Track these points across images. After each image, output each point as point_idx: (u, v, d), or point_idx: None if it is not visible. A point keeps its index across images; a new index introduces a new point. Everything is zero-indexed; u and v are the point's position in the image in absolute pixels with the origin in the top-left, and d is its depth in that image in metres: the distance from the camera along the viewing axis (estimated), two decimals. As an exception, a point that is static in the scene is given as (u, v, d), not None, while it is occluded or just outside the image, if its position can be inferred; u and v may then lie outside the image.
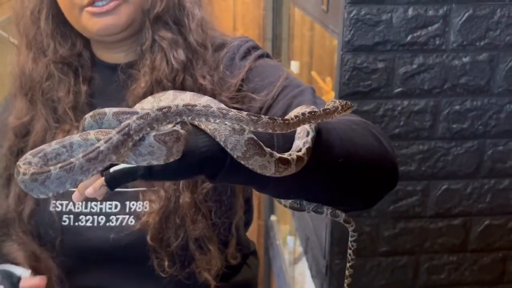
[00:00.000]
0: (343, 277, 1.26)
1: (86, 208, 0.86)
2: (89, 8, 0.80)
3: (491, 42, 1.10)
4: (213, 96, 0.83)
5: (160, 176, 0.54)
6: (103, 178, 0.54)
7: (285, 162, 0.55)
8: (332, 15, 1.19)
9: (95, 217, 0.86)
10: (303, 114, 0.57)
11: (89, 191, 0.56)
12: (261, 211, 2.46)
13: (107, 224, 0.85)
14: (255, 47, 0.90)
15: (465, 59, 1.11)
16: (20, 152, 0.84)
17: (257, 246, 2.64)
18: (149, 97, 0.65)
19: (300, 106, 0.70)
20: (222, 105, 0.57)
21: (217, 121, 0.53)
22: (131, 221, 0.85)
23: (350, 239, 0.75)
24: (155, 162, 0.52)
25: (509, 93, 1.14)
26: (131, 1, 0.82)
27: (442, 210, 1.23)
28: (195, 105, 0.53)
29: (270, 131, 0.55)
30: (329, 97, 2.05)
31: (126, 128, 0.50)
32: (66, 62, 0.87)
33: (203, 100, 0.61)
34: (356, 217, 1.21)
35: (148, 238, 0.83)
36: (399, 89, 1.13)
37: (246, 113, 0.53)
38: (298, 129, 0.61)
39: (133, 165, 0.52)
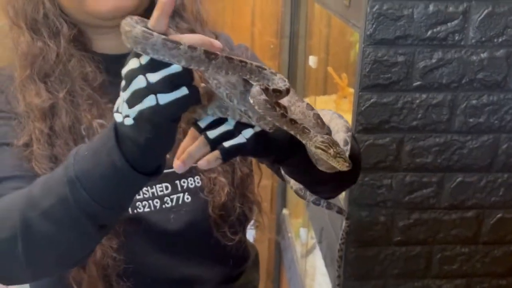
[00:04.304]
0: (358, 265, 1.30)
1: (139, 195, 0.86)
2: None
3: (509, 39, 1.13)
4: None
5: (260, 152, 0.65)
6: (216, 151, 0.61)
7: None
8: (354, 9, 1.22)
9: (150, 201, 0.87)
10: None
11: (203, 163, 0.61)
12: (273, 205, 2.50)
13: (163, 206, 0.88)
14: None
15: (483, 55, 1.14)
16: (53, 135, 0.82)
17: (269, 239, 2.68)
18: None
19: None
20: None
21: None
22: (187, 198, 0.88)
23: (344, 225, 0.92)
24: (250, 114, 0.59)
25: (525, 89, 1.17)
26: None
27: (456, 202, 1.26)
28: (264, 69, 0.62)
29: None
30: (345, 93, 2.08)
31: (213, 55, 0.56)
32: (80, 41, 0.87)
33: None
34: (373, 206, 1.25)
35: (210, 210, 0.86)
36: (418, 83, 1.16)
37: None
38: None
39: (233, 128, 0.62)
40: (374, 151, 1.21)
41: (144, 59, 0.56)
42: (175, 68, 0.56)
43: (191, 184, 0.89)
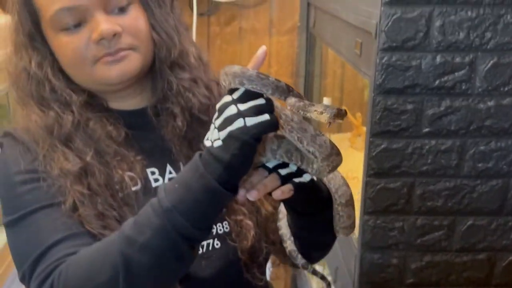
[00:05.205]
0: (371, 306, 1.32)
1: None
2: (104, 59, 0.85)
3: (514, 87, 1.17)
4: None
5: (312, 195, 0.80)
6: (289, 185, 0.75)
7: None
8: (364, 59, 1.28)
9: None
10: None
11: (278, 193, 0.74)
12: (289, 241, 2.52)
13: None
14: None
15: (490, 103, 1.18)
16: (93, 194, 0.84)
17: (285, 275, 2.69)
18: None
19: None
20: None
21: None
22: (217, 244, 0.92)
23: None
24: (317, 154, 0.71)
25: (532, 135, 1.20)
26: (140, 51, 0.88)
27: (467, 245, 1.28)
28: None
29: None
30: (359, 131, 2.13)
31: (291, 88, 0.72)
32: (93, 104, 0.90)
33: None
34: (385, 249, 1.28)
35: (239, 253, 0.91)
36: (427, 129, 1.20)
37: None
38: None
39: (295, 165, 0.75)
40: (385, 194, 1.25)
41: (236, 94, 0.70)
42: (260, 100, 0.70)
43: (220, 230, 0.92)
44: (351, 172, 1.96)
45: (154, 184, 0.90)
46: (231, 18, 2.39)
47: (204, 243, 0.91)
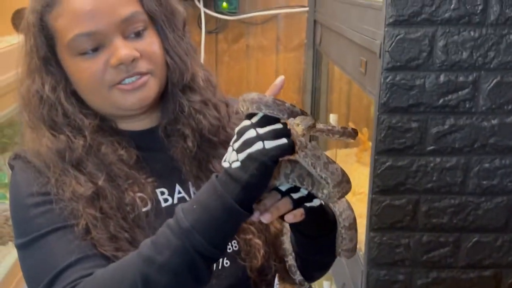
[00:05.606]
0: (378, 322, 1.32)
1: None
2: (121, 86, 0.85)
3: (518, 106, 1.19)
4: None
5: (321, 218, 0.83)
6: (301, 209, 0.77)
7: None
8: (369, 78, 1.30)
9: None
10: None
11: (290, 217, 0.77)
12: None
13: None
14: None
15: (494, 121, 1.20)
16: (105, 217, 0.83)
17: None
18: None
19: None
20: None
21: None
22: (226, 263, 0.92)
23: None
24: (329, 180, 0.74)
25: (536, 153, 1.22)
26: (156, 75, 0.88)
27: (473, 261, 1.29)
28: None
29: None
30: (366, 146, 2.15)
31: (306, 112, 0.76)
32: (105, 128, 0.90)
33: None
34: (391, 265, 1.29)
35: (249, 272, 0.92)
36: (432, 147, 1.22)
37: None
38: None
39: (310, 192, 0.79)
40: (391, 211, 1.26)
41: (254, 119, 0.73)
42: (278, 125, 0.73)
43: (229, 249, 0.92)
44: (358, 187, 1.98)
45: (163, 204, 0.91)
46: (238, 35, 2.43)
47: None
